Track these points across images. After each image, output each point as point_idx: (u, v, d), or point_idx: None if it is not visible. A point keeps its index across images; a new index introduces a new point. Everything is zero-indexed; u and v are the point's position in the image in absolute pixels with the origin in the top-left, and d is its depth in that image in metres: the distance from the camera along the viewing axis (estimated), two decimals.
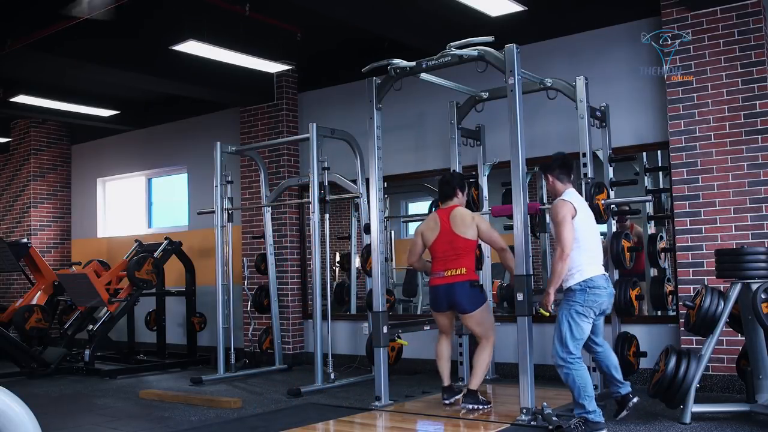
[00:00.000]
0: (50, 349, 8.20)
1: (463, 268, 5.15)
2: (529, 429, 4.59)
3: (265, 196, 7.98)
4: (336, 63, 8.30)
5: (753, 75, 5.55)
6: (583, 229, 4.54)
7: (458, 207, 5.36)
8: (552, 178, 4.75)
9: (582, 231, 4.52)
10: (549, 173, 4.76)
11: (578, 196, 4.74)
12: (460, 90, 6.34)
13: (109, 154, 10.86)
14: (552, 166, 4.76)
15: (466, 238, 5.19)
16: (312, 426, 4.96)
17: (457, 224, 5.22)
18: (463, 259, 5.18)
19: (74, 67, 7.36)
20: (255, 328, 8.28)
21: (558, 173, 4.73)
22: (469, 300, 5.15)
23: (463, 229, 5.20)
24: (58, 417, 5.55)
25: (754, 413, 4.68)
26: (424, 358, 7.33)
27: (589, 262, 4.51)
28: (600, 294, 4.47)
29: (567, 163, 4.78)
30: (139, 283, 8.09)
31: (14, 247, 8.94)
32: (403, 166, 7.69)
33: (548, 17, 6.63)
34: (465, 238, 5.19)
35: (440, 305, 5.29)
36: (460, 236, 5.19)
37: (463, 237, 5.19)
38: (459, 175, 5.77)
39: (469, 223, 5.20)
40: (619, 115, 6.19)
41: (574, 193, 4.71)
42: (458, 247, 5.20)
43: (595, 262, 4.55)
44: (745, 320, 4.75)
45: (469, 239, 5.20)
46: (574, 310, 4.45)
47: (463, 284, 5.14)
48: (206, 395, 6.21)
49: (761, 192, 5.51)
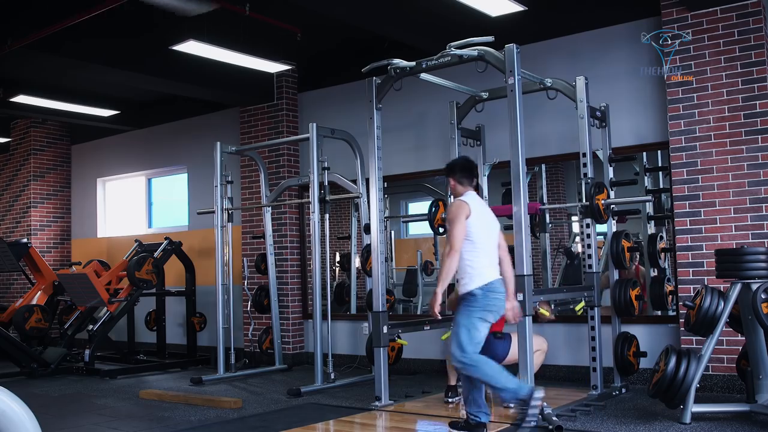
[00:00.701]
0: (50, 349, 8.21)
1: None
2: (529, 429, 4.59)
3: (265, 196, 7.98)
4: (336, 63, 8.30)
5: (753, 75, 5.55)
6: (481, 233, 4.50)
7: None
8: (453, 181, 4.72)
9: (479, 234, 4.49)
10: (451, 176, 4.74)
11: (479, 201, 4.70)
12: (460, 90, 6.33)
13: (109, 154, 10.86)
14: (454, 169, 4.74)
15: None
16: (312, 426, 4.96)
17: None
18: None
19: (74, 67, 7.36)
20: (255, 328, 8.28)
21: (459, 176, 4.70)
22: (496, 353, 5.05)
23: None
24: (58, 417, 5.56)
25: (754, 413, 4.68)
26: (424, 358, 7.33)
27: (488, 265, 4.48)
28: (499, 298, 4.47)
29: (468, 167, 4.76)
30: (139, 283, 8.09)
31: (14, 247, 8.94)
32: (403, 166, 7.69)
33: (548, 17, 6.63)
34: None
35: None
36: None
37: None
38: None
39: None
40: (619, 115, 6.19)
41: (474, 196, 4.67)
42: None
43: (493, 265, 4.52)
44: (745, 320, 4.75)
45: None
46: (475, 315, 4.41)
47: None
48: (206, 395, 6.20)
49: (761, 192, 5.51)
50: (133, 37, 7.13)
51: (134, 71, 7.50)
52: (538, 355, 5.18)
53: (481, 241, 4.48)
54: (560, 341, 6.59)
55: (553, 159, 6.97)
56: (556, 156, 6.83)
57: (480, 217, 4.53)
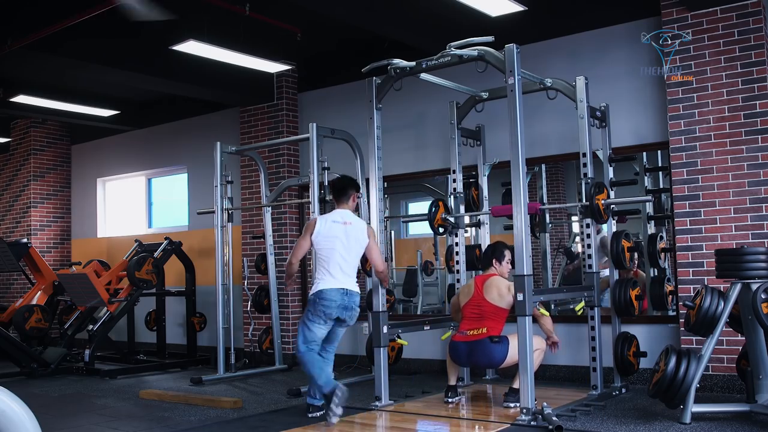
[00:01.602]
0: (50, 349, 8.20)
1: (485, 328, 5.27)
2: (529, 429, 4.59)
3: (265, 196, 7.98)
4: (336, 63, 8.30)
5: (753, 75, 5.55)
6: (326, 248, 5.13)
7: (494, 276, 5.46)
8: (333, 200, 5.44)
9: (324, 249, 5.14)
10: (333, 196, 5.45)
11: (337, 217, 5.22)
12: (460, 90, 6.33)
13: (109, 154, 10.86)
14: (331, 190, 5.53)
15: (494, 304, 5.29)
16: (312, 426, 4.96)
17: (491, 292, 5.33)
18: (486, 321, 5.29)
19: (74, 67, 7.36)
20: (255, 328, 8.28)
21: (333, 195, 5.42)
22: (494, 356, 5.26)
23: (496, 299, 5.30)
24: (58, 417, 5.56)
25: (754, 413, 4.68)
26: (424, 358, 7.33)
27: (322, 277, 5.11)
28: (328, 305, 5.05)
29: (339, 186, 5.36)
30: (139, 283, 8.09)
31: (14, 247, 8.94)
32: (403, 166, 7.69)
33: (548, 17, 6.62)
34: (494, 304, 5.30)
35: (459, 360, 5.47)
36: (489, 302, 5.31)
37: (491, 303, 5.30)
38: (500, 245, 5.70)
39: (503, 294, 5.28)
40: (619, 115, 6.19)
41: (337, 213, 5.26)
42: (485, 311, 5.32)
43: (333, 275, 5.10)
44: (745, 320, 4.75)
45: (497, 306, 5.29)
46: (306, 316, 5.15)
47: (482, 342, 5.24)
48: (206, 395, 6.20)
49: (761, 192, 5.51)
50: (133, 37, 7.12)
51: (134, 71, 7.50)
52: (537, 354, 5.19)
53: (325, 256, 5.14)
54: (560, 341, 6.58)
55: (553, 159, 6.97)
56: (556, 156, 6.83)
57: (329, 234, 5.14)
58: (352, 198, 5.36)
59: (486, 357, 5.31)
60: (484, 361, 5.42)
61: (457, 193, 6.56)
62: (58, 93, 8.80)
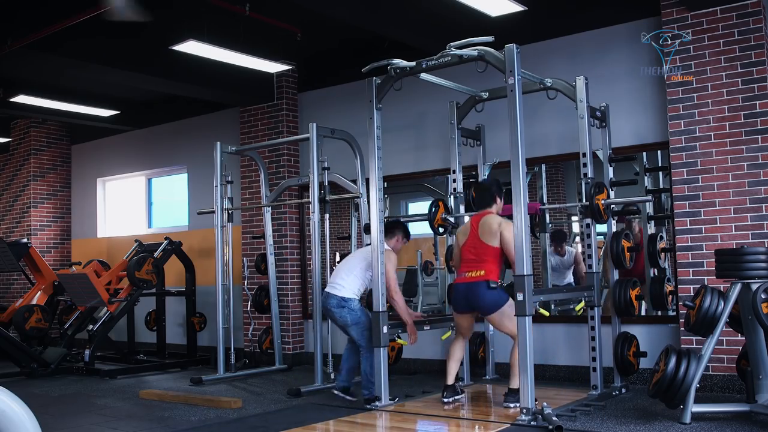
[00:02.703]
0: (50, 349, 8.20)
1: (483, 271, 5.27)
2: (529, 429, 4.59)
3: (265, 196, 7.98)
4: (336, 63, 8.30)
5: (753, 75, 5.55)
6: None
7: (489, 214, 5.44)
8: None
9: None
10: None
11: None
12: (460, 90, 6.33)
13: (109, 154, 10.86)
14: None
15: (489, 245, 5.30)
16: (312, 426, 4.96)
17: (484, 232, 5.34)
18: (485, 264, 5.30)
19: (74, 67, 7.36)
20: (255, 328, 8.28)
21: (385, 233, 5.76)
22: (486, 300, 5.24)
23: (488, 237, 5.31)
24: (58, 417, 5.56)
25: (754, 413, 4.68)
26: (423, 358, 7.34)
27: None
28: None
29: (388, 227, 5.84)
30: (139, 283, 8.09)
31: (14, 247, 8.94)
32: (403, 166, 7.69)
33: (548, 17, 6.63)
34: (488, 245, 5.30)
35: (459, 304, 5.45)
36: (484, 243, 5.32)
37: (486, 244, 5.31)
38: (497, 182, 5.72)
39: (494, 231, 5.29)
40: (619, 115, 6.19)
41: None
42: (481, 252, 5.32)
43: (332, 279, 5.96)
44: (745, 320, 4.75)
45: (492, 246, 5.29)
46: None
47: (479, 284, 5.24)
48: (206, 395, 6.20)
49: (761, 192, 5.51)
50: (133, 37, 7.12)
51: (134, 71, 7.50)
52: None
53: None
54: (560, 341, 6.59)
55: (553, 159, 6.97)
56: (556, 156, 6.83)
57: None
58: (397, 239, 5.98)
59: (478, 300, 5.26)
60: (476, 303, 5.31)
61: (457, 193, 6.57)
62: (58, 93, 8.80)
